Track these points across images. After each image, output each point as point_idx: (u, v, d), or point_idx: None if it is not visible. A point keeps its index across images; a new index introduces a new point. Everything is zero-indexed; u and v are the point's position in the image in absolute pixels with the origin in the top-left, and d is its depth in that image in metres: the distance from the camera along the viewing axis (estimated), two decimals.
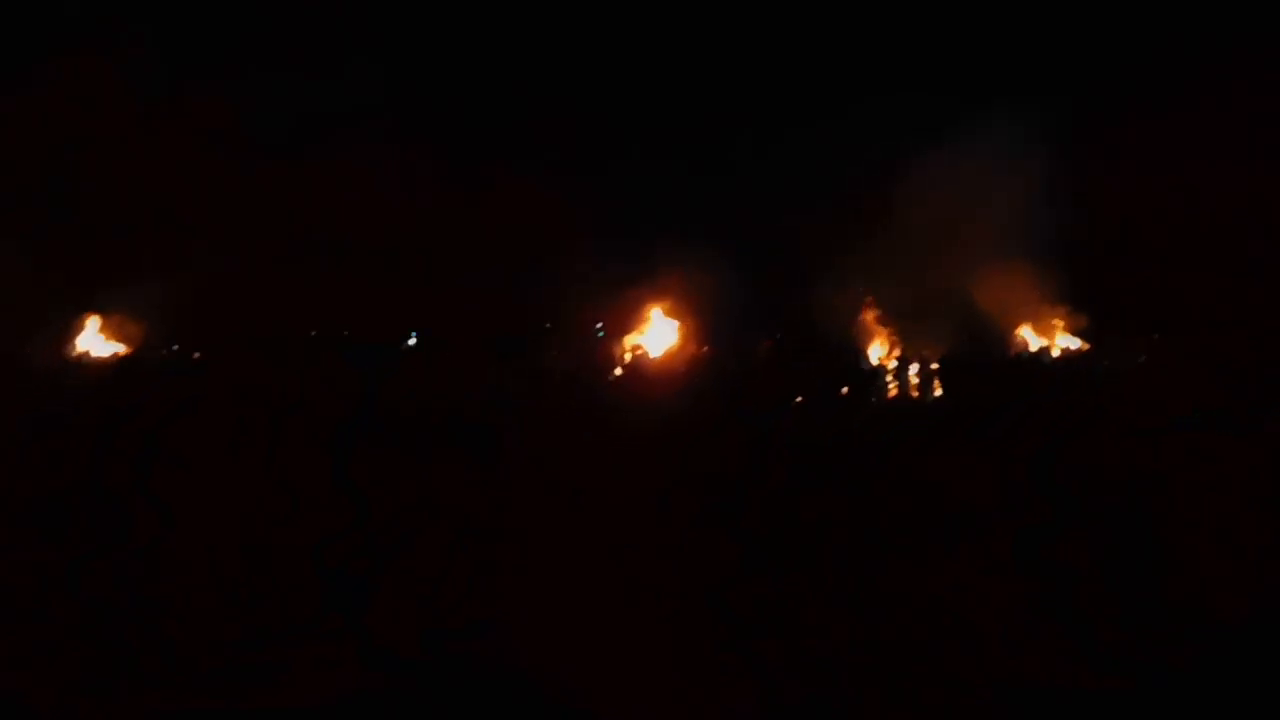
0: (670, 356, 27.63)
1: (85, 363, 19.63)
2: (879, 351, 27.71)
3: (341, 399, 18.35)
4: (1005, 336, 28.15)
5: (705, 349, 27.51)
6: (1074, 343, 27.52)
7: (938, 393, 25.24)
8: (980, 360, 25.86)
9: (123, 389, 18.57)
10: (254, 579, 16.59)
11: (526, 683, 15.28)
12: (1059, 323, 28.32)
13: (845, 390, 25.79)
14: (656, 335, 28.72)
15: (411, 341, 22.72)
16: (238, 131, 22.41)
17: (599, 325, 28.51)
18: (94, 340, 21.92)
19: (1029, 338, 28.31)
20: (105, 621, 15.99)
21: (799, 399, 25.15)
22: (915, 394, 25.57)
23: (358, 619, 16.20)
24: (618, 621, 15.89)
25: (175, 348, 23.78)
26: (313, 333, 21.66)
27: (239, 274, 21.53)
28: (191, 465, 17.68)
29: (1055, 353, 27.12)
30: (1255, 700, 15.01)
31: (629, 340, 28.37)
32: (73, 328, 22.45)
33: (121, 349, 21.05)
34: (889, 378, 25.96)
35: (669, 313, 28.56)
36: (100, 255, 21.57)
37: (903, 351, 27.00)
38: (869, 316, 29.07)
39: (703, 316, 27.93)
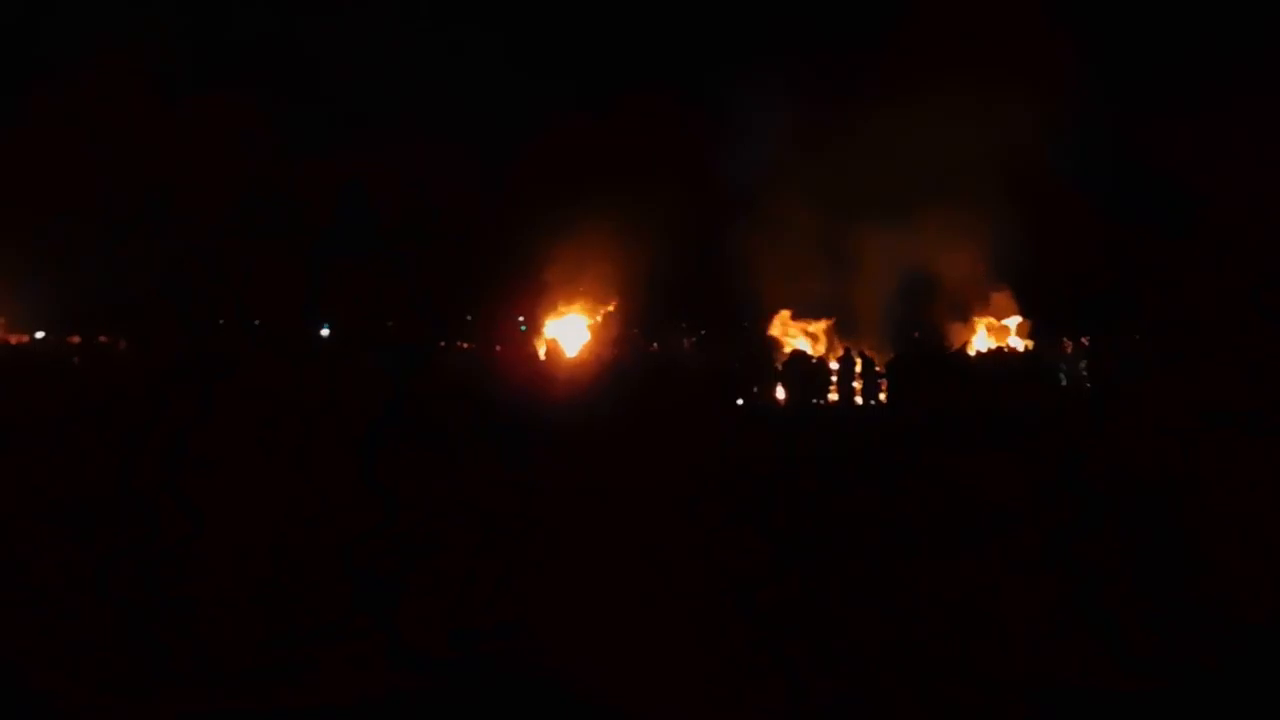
0: (586, 351, 27.73)
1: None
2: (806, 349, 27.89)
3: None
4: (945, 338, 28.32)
5: (622, 345, 27.62)
6: (1020, 344, 27.76)
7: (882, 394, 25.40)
8: (920, 360, 26.06)
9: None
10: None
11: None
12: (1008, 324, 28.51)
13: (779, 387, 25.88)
14: (574, 330, 28.76)
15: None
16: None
17: (520, 319, 28.61)
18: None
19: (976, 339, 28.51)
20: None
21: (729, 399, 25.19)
22: (859, 398, 25.73)
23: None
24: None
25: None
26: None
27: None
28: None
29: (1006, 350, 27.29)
30: None
31: (547, 333, 28.42)
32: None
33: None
34: (831, 375, 26.15)
35: (587, 309, 28.66)
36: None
37: (842, 351, 27.17)
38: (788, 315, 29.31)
39: (622, 314, 28.07)
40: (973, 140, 25.15)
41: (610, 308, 28.91)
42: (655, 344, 29.82)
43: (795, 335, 29.40)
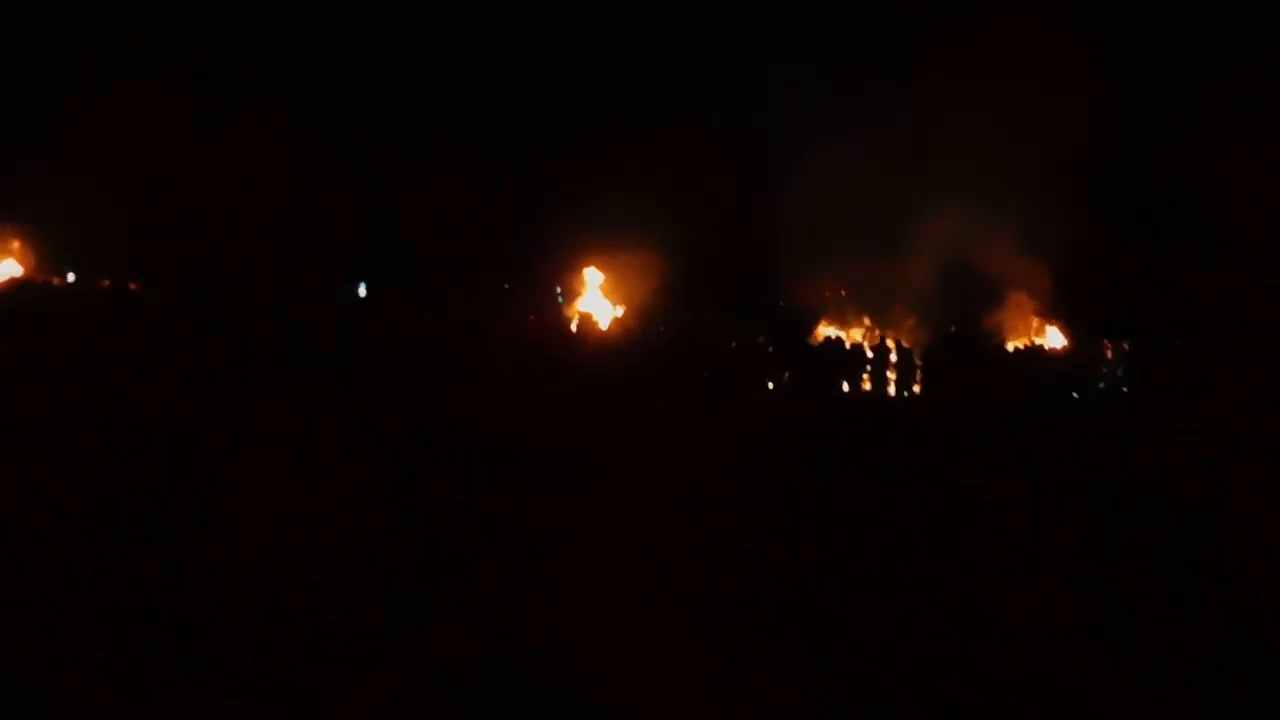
0: (615, 326, 27.84)
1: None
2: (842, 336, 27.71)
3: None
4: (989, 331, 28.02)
5: (651, 323, 27.69)
6: (1059, 341, 27.39)
7: (916, 385, 25.19)
8: (958, 353, 25.79)
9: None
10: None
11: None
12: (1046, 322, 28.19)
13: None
14: (605, 305, 28.90)
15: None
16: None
17: (558, 290, 28.82)
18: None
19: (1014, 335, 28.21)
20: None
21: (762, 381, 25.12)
22: (896, 384, 25.53)
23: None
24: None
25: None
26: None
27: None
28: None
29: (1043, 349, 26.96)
30: None
31: (581, 306, 28.55)
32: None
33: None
34: (867, 365, 25.97)
35: (621, 285, 28.75)
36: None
37: (877, 338, 26.99)
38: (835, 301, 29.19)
39: (657, 292, 28.18)
40: (1020, 131, 24.90)
41: (643, 282, 28.91)
42: (687, 322, 29.76)
43: (830, 320, 29.29)
